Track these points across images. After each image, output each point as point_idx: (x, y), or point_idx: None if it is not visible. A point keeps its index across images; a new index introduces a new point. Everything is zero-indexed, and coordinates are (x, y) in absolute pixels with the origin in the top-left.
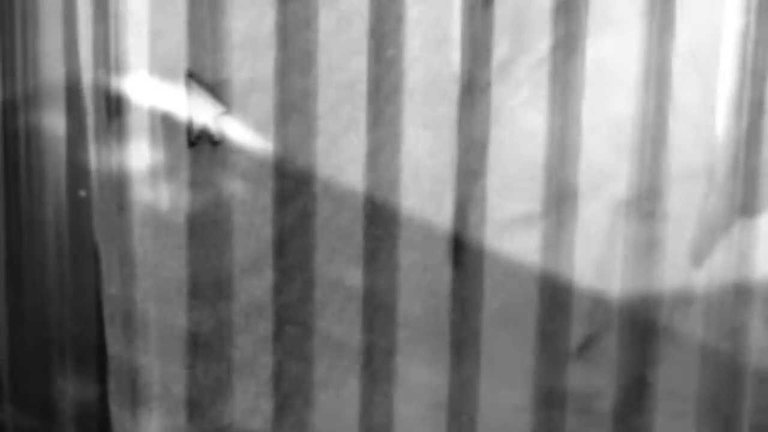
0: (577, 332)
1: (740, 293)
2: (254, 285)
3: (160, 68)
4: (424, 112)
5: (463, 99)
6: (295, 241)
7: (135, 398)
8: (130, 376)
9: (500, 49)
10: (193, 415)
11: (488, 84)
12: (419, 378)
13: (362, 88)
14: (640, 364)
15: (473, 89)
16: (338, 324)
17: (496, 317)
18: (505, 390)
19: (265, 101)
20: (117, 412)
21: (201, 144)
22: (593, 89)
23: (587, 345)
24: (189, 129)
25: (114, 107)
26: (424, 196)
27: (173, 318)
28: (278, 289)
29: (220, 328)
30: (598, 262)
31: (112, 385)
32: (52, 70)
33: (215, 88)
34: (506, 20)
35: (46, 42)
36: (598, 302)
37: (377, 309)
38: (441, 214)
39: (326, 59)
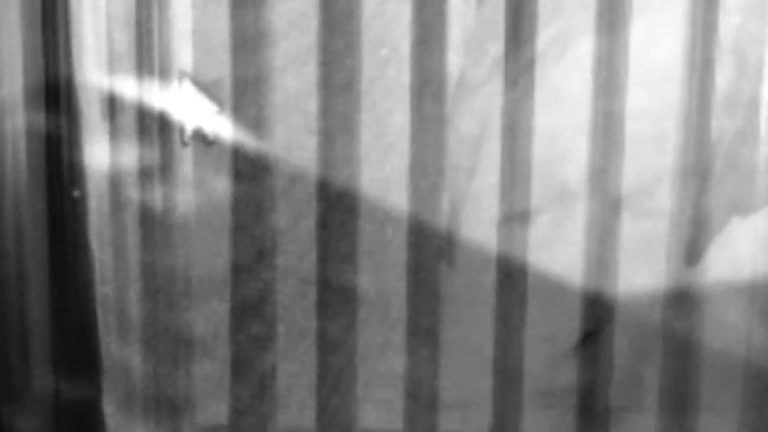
0: (572, 331)
1: (736, 292)
2: (249, 285)
3: (153, 67)
4: (417, 111)
5: (456, 97)
6: (290, 240)
7: (129, 399)
8: (124, 376)
9: (494, 47)
10: (187, 415)
11: (482, 82)
12: (413, 377)
13: (357, 87)
14: (635, 362)
15: (467, 87)
16: (333, 324)
17: (490, 316)
18: (501, 388)
19: (258, 101)
20: (111, 412)
21: (194, 144)
22: (588, 87)
23: (583, 343)
24: (182, 129)
25: (107, 107)
26: (418, 194)
27: (167, 318)
28: (273, 289)
29: (215, 328)
30: (593, 261)
31: (106, 386)
32: (45, 69)
33: (209, 88)
34: (501, 18)
35: (40, 41)
36: (594, 301)
37: (371, 308)
38: (435, 213)
39: (322, 58)
